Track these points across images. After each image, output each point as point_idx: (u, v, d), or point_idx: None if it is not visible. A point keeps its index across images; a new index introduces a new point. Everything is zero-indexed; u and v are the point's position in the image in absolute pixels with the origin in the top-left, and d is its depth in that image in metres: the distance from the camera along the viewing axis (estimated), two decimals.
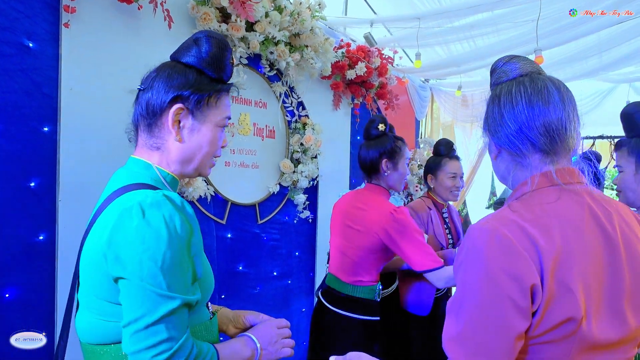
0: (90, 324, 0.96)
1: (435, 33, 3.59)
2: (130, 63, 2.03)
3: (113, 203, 0.93)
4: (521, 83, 0.93)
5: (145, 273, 0.86)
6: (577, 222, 0.85)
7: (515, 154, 0.93)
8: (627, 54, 3.55)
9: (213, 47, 1.03)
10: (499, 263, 0.80)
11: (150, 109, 1.01)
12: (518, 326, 0.78)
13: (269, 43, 2.54)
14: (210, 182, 2.42)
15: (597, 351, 0.82)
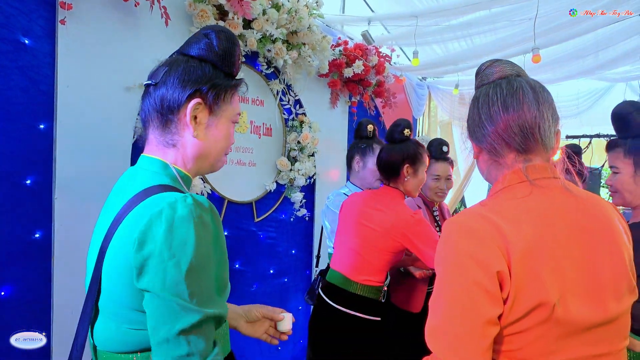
0: (111, 332, 0.92)
1: (433, 31, 3.59)
2: (127, 60, 2.02)
3: (139, 206, 0.88)
4: (498, 85, 0.98)
5: (169, 283, 0.83)
6: (548, 214, 0.88)
7: (492, 153, 0.98)
8: (623, 53, 3.55)
9: (225, 42, 1.01)
10: (466, 251, 0.84)
11: (166, 104, 0.97)
12: (488, 311, 0.81)
13: (267, 41, 2.53)
14: (206, 180, 2.42)
15: (579, 336, 0.84)
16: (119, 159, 2.02)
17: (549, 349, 0.84)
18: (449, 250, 0.87)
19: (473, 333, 0.81)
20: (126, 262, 0.86)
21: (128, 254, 0.85)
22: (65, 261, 1.83)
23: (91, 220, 1.90)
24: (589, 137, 4.88)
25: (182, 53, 1.04)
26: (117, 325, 0.91)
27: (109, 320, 0.92)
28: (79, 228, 1.88)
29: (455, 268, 0.85)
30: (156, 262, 0.82)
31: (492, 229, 0.85)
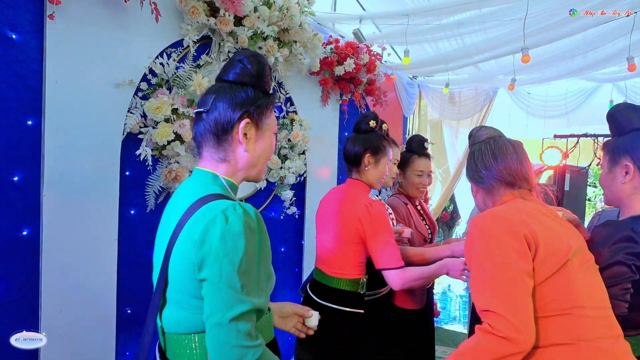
0: (177, 317, 1.10)
1: (424, 30, 3.60)
2: (117, 56, 2.01)
3: (197, 212, 1.06)
4: (488, 143, 1.45)
5: (225, 276, 1.00)
6: (539, 215, 1.29)
7: (487, 190, 1.43)
8: (611, 53, 3.59)
9: (257, 64, 1.18)
10: (498, 229, 1.20)
11: (220, 126, 1.13)
12: (523, 265, 1.14)
13: (258, 38, 2.52)
14: None
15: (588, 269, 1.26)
16: (109, 156, 2.00)
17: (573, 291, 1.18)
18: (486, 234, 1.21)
19: (515, 281, 1.12)
20: (189, 258, 1.04)
21: (190, 252, 1.03)
22: (54, 259, 1.82)
23: (80, 217, 1.90)
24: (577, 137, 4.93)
25: (223, 79, 1.20)
26: (181, 311, 1.09)
27: (175, 307, 1.11)
28: (68, 225, 1.86)
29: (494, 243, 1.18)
30: (213, 259, 1.00)
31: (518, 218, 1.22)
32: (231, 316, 0.99)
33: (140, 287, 2.18)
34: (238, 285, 1.00)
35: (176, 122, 2.13)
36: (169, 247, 1.09)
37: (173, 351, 1.12)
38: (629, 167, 1.47)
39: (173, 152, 2.17)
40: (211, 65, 2.42)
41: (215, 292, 1.01)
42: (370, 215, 1.90)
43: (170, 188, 2.22)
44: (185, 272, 1.05)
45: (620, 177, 1.50)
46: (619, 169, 1.50)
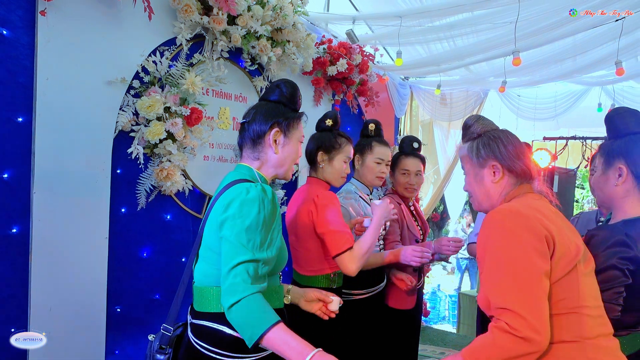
0: (204, 271, 1.37)
1: (416, 32, 3.62)
2: (109, 54, 2.00)
3: (227, 191, 1.33)
4: (499, 131, 1.41)
5: (235, 232, 1.25)
6: (550, 212, 1.27)
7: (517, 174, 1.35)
8: (599, 57, 3.64)
9: (290, 89, 1.52)
10: (519, 225, 1.17)
11: (256, 133, 1.45)
12: (542, 266, 1.12)
13: (251, 37, 2.52)
14: (188, 176, 2.40)
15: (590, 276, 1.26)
16: (100, 154, 1.99)
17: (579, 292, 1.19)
18: (502, 229, 1.18)
19: (534, 281, 1.10)
20: (216, 221, 1.32)
21: (217, 217, 1.31)
22: (44, 257, 1.80)
23: (71, 215, 1.88)
24: (565, 139, 4.99)
25: (263, 99, 1.55)
26: (207, 265, 1.37)
27: (203, 262, 1.38)
28: (58, 223, 1.85)
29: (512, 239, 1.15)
30: (230, 219, 1.27)
31: (532, 212, 1.20)
32: (239, 260, 1.22)
33: (130, 285, 2.17)
34: (244, 240, 1.24)
35: (168, 121, 2.13)
36: (205, 217, 1.39)
37: (198, 301, 1.38)
38: (623, 169, 1.48)
39: (165, 151, 2.16)
40: (204, 64, 2.41)
41: (227, 245, 1.26)
42: (317, 206, 1.91)
43: (161, 187, 2.22)
44: (212, 232, 1.33)
45: (614, 179, 1.51)
46: (612, 171, 1.52)
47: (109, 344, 2.06)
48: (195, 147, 2.34)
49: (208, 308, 1.35)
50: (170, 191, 2.26)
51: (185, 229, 2.44)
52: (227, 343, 1.31)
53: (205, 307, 1.36)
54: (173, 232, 2.37)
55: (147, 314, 2.25)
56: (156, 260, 2.29)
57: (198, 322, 1.36)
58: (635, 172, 1.49)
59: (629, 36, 3.22)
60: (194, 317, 1.39)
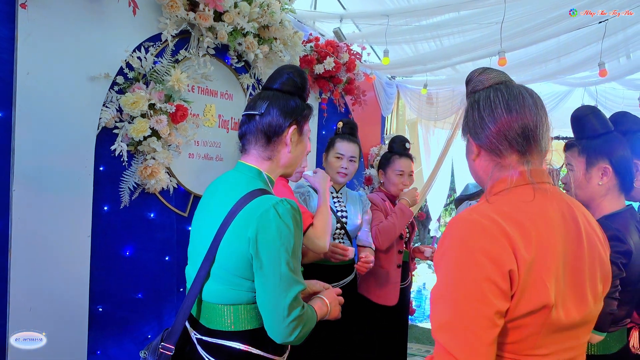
0: (217, 290, 1.29)
1: (403, 31, 3.63)
2: (92, 49, 1.96)
3: (249, 205, 1.23)
4: (498, 90, 1.02)
5: (283, 262, 1.19)
6: (549, 218, 0.94)
7: (494, 154, 1.02)
8: (583, 59, 3.69)
9: (301, 78, 1.40)
10: (480, 248, 0.88)
11: (272, 129, 1.33)
12: (498, 305, 0.86)
13: (238, 34, 2.50)
14: (173, 174, 2.37)
15: (561, 333, 0.92)
16: (83, 151, 1.95)
17: (537, 344, 0.90)
18: (461, 247, 0.91)
19: (482, 326, 0.86)
20: (241, 245, 1.21)
21: (243, 240, 1.21)
22: (24, 256, 1.76)
23: (52, 213, 1.85)
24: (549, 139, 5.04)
25: (271, 87, 1.41)
26: (221, 285, 1.28)
27: (217, 281, 1.29)
28: (39, 222, 1.81)
29: (468, 263, 0.88)
30: (271, 248, 1.19)
31: (501, 231, 0.89)
32: (292, 297, 1.20)
33: (113, 285, 2.14)
34: (292, 269, 1.21)
35: (153, 118, 2.09)
36: (220, 234, 1.26)
37: (207, 317, 1.32)
38: (607, 169, 1.51)
39: (149, 148, 2.13)
40: (190, 61, 2.38)
41: (275, 275, 1.19)
42: None
43: (145, 184, 2.18)
44: (236, 256, 1.23)
45: (597, 178, 1.53)
46: (596, 171, 1.54)
47: (90, 344, 2.03)
48: (180, 144, 2.31)
49: (222, 326, 1.29)
50: (154, 189, 2.23)
51: (170, 227, 2.41)
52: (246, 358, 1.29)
53: (219, 325, 1.30)
54: (157, 230, 2.34)
55: (130, 313, 2.22)
56: (139, 259, 2.26)
57: (211, 340, 1.30)
58: (619, 171, 1.51)
59: (612, 38, 3.27)
60: (203, 333, 1.32)
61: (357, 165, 2.42)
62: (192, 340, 1.33)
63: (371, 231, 2.47)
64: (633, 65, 3.80)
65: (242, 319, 1.28)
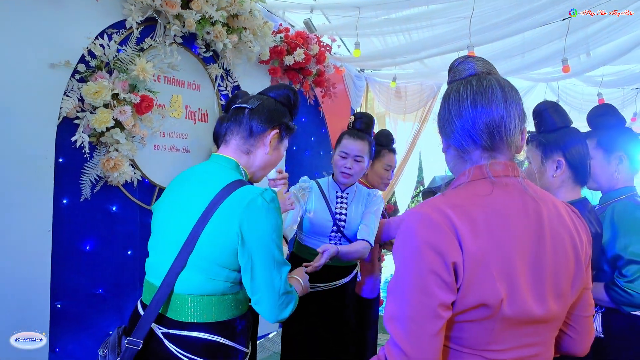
0: (195, 281, 1.27)
1: (373, 24, 3.63)
2: (53, 35, 1.87)
3: (233, 195, 1.25)
4: (469, 82, 0.99)
5: (274, 246, 1.25)
6: (505, 213, 0.92)
7: (459, 149, 0.99)
8: (547, 55, 3.78)
9: (296, 98, 1.51)
10: (426, 240, 0.88)
11: (257, 125, 1.39)
12: (441, 296, 0.86)
13: (206, 23, 2.43)
14: (137, 166, 2.30)
15: (518, 329, 0.91)
16: (42, 142, 1.87)
17: (492, 339, 0.90)
18: (410, 239, 0.91)
19: (426, 317, 0.86)
20: (228, 234, 1.23)
21: (230, 229, 1.23)
22: None
23: (10, 207, 1.76)
24: None
25: (267, 95, 1.48)
26: (200, 275, 1.26)
27: (195, 271, 1.27)
28: None
29: (415, 255, 0.88)
30: (262, 234, 1.23)
31: (449, 223, 0.88)
32: (284, 277, 1.26)
33: (73, 280, 2.06)
34: (282, 251, 1.27)
35: (116, 108, 2.02)
36: (201, 223, 1.25)
37: (176, 309, 1.28)
38: (561, 162, 1.56)
39: (112, 140, 2.05)
40: (156, 50, 2.31)
41: (269, 260, 1.24)
42: None
43: (108, 177, 2.11)
44: (221, 245, 1.24)
45: (551, 170, 1.59)
46: (550, 163, 1.59)
47: (52, 341, 1.96)
48: (145, 136, 2.24)
49: (193, 318, 1.27)
50: (117, 182, 2.16)
51: (133, 220, 2.34)
52: (224, 352, 1.29)
53: (190, 317, 1.27)
54: (119, 224, 2.27)
55: (90, 309, 2.15)
56: (100, 253, 2.19)
57: (180, 332, 1.27)
58: (573, 164, 1.58)
59: (574, 35, 3.37)
60: (171, 327, 1.28)
61: (364, 164, 2.22)
62: (156, 335, 1.29)
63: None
64: (593, 62, 3.93)
65: (214, 310, 1.28)
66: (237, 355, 1.33)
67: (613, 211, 1.64)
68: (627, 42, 3.60)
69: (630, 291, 1.52)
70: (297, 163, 3.77)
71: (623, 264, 1.55)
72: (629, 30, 3.42)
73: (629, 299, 1.53)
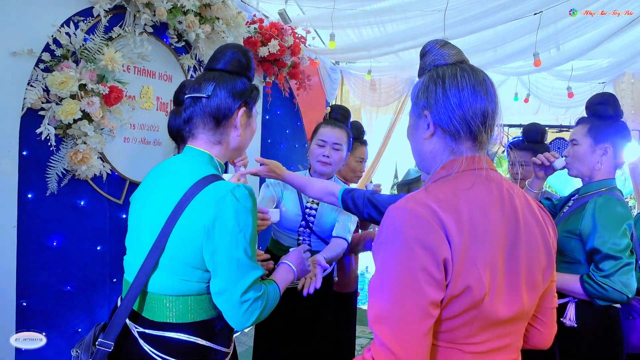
0: (168, 282, 1.22)
1: (348, 16, 3.61)
2: (15, 21, 1.79)
3: (204, 191, 1.18)
4: (465, 70, 0.96)
5: (241, 248, 1.17)
6: (486, 206, 0.92)
7: (451, 137, 0.96)
8: (518, 49, 3.85)
9: (246, 57, 1.34)
10: (415, 237, 0.86)
11: (221, 112, 1.28)
12: (432, 294, 0.84)
13: (178, 12, 2.37)
14: (106, 159, 2.23)
15: (496, 326, 0.91)
16: (6, 135, 1.79)
17: (472, 333, 0.90)
18: (396, 236, 0.87)
19: (417, 316, 0.84)
20: (197, 233, 1.17)
21: (199, 228, 1.16)
22: None
23: None
24: None
25: (215, 68, 1.33)
26: (172, 276, 1.22)
27: (166, 272, 1.22)
28: None
29: (403, 253, 0.85)
30: (230, 234, 1.16)
31: (437, 219, 0.87)
32: (249, 284, 1.18)
33: (40, 277, 2.00)
34: (249, 255, 1.19)
35: (84, 99, 1.95)
36: (171, 221, 1.19)
37: (152, 309, 1.24)
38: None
39: (80, 132, 1.98)
40: (125, 39, 2.24)
41: (232, 262, 1.17)
42: None
43: (75, 171, 2.04)
44: (190, 245, 1.18)
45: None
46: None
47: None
48: (114, 128, 2.17)
49: (169, 318, 1.23)
50: (85, 175, 2.09)
51: (102, 215, 2.27)
52: (201, 353, 1.25)
53: (166, 317, 1.23)
54: (88, 219, 2.21)
55: (58, 306, 2.09)
56: (68, 249, 2.12)
57: (156, 333, 1.23)
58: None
59: (545, 30, 3.43)
60: (146, 326, 1.24)
61: (343, 154, 2.14)
62: (132, 334, 1.25)
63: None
64: (562, 56, 4.02)
65: (191, 311, 1.24)
66: (216, 356, 1.29)
67: (595, 204, 1.65)
68: (594, 37, 3.69)
69: (606, 286, 1.53)
70: (272, 156, 3.74)
71: (600, 258, 1.57)
72: (596, 26, 3.50)
73: (604, 293, 1.54)
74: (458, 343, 0.90)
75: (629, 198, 6.38)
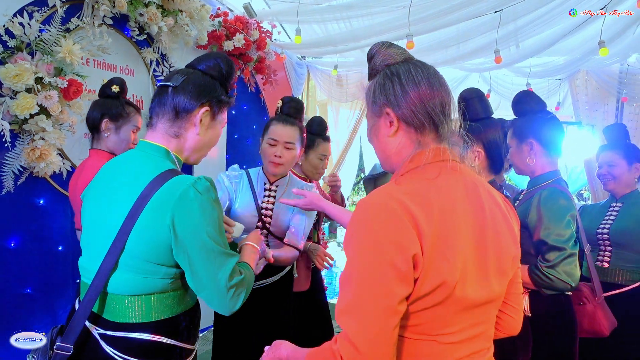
0: (129, 281, 1.19)
1: (314, 10, 3.60)
2: None
3: (164, 187, 1.16)
4: (417, 65, 1.00)
5: (210, 239, 1.16)
6: (453, 195, 0.94)
7: (416, 129, 0.99)
8: (479, 46, 3.94)
9: (228, 67, 1.36)
10: (385, 232, 0.86)
11: (182, 106, 1.25)
12: (400, 292, 0.85)
13: (138, 4, 2.30)
14: (66, 156, 2.16)
15: (468, 312, 0.94)
16: None
17: (445, 324, 0.91)
18: (367, 231, 0.88)
19: (383, 312, 0.84)
20: (160, 229, 1.14)
21: (163, 224, 1.14)
22: None
23: None
24: None
25: (194, 67, 1.34)
26: (134, 275, 1.18)
27: (128, 271, 1.18)
28: None
29: (372, 248, 0.86)
30: (197, 228, 1.15)
31: (407, 213, 0.86)
32: (229, 271, 1.18)
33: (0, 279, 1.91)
34: (221, 244, 1.19)
35: (41, 93, 1.87)
36: (130, 220, 1.16)
37: (113, 310, 1.21)
38: (480, 152, 1.64)
39: (37, 127, 1.91)
40: (83, 30, 2.16)
41: (208, 255, 1.16)
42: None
43: (33, 168, 1.96)
44: (153, 242, 1.15)
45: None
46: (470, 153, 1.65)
47: None
48: (74, 123, 2.10)
49: (131, 318, 1.20)
50: (44, 173, 2.01)
51: (63, 214, 2.19)
52: (165, 352, 1.23)
53: (127, 317, 1.20)
54: (48, 218, 2.12)
55: (17, 310, 2.01)
56: (27, 250, 2.04)
57: (118, 334, 1.20)
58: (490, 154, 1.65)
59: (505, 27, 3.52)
60: (108, 328, 1.21)
61: (295, 152, 2.04)
62: (93, 336, 1.21)
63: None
64: (522, 53, 4.14)
65: (154, 309, 1.21)
66: (181, 354, 1.26)
67: (540, 197, 1.69)
68: (551, 35, 3.81)
69: (551, 276, 1.59)
70: (239, 151, 3.70)
71: (546, 249, 1.62)
72: (553, 24, 3.62)
73: (549, 283, 1.60)
74: (433, 335, 0.91)
75: (583, 190, 6.66)
